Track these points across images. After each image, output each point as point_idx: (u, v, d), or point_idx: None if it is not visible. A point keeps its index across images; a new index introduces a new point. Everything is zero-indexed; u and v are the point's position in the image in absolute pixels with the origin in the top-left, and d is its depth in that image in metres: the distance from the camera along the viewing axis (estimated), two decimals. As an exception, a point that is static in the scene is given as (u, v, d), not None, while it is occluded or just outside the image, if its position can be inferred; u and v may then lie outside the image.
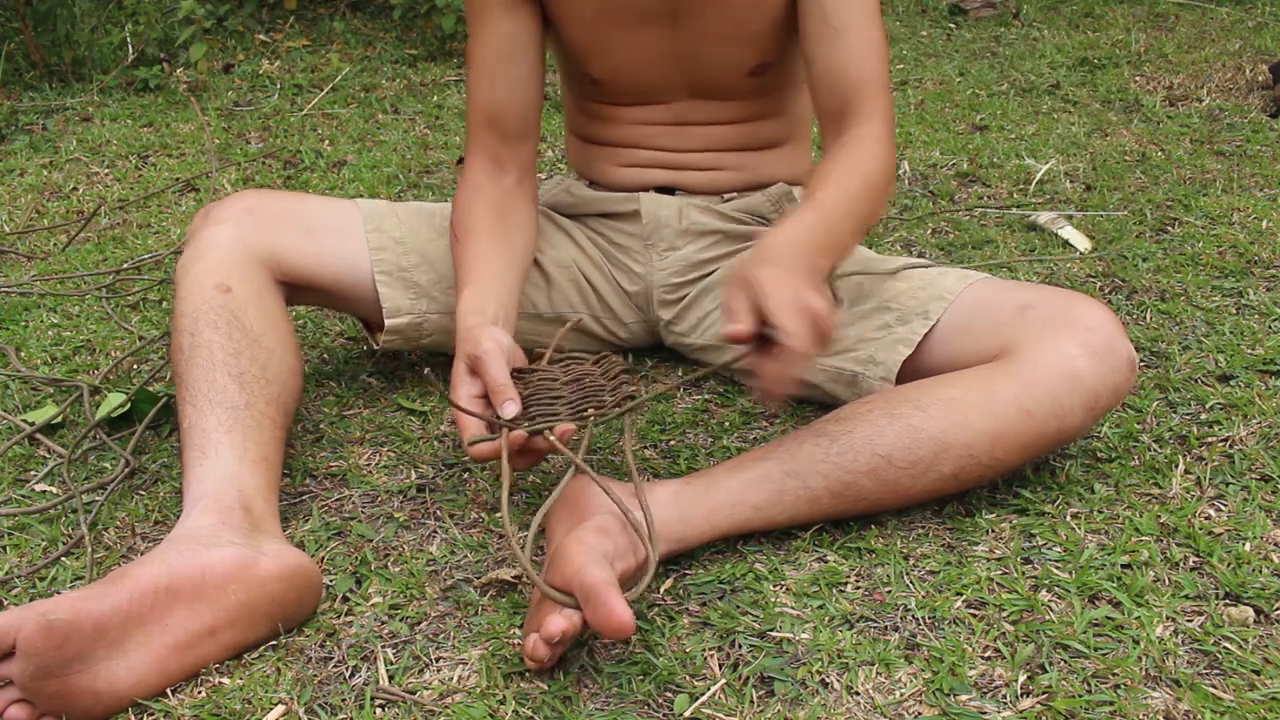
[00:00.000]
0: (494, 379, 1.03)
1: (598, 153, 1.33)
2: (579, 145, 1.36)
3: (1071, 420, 1.03)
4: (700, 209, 1.31)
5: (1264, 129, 2.23)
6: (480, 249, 1.18)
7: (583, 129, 1.35)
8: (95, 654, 0.84)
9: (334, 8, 3.58)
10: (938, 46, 3.10)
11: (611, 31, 1.21)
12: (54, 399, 1.38)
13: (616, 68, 1.25)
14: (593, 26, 1.21)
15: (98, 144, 2.45)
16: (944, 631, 0.94)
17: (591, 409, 1.03)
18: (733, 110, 1.28)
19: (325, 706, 0.88)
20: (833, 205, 1.09)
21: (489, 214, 1.22)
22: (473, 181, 1.24)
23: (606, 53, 1.23)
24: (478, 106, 1.25)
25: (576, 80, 1.31)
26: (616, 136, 1.31)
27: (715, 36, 1.21)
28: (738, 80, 1.25)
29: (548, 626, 0.85)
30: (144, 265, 1.78)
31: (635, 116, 1.29)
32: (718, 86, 1.26)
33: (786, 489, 1.02)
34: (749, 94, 1.27)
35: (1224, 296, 1.52)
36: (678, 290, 1.34)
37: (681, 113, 1.28)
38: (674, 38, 1.21)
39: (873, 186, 1.14)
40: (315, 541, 1.09)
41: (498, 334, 1.08)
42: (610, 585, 0.85)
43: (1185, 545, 1.03)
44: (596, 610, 0.84)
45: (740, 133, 1.30)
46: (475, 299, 1.12)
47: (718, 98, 1.27)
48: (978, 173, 2.07)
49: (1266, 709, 0.85)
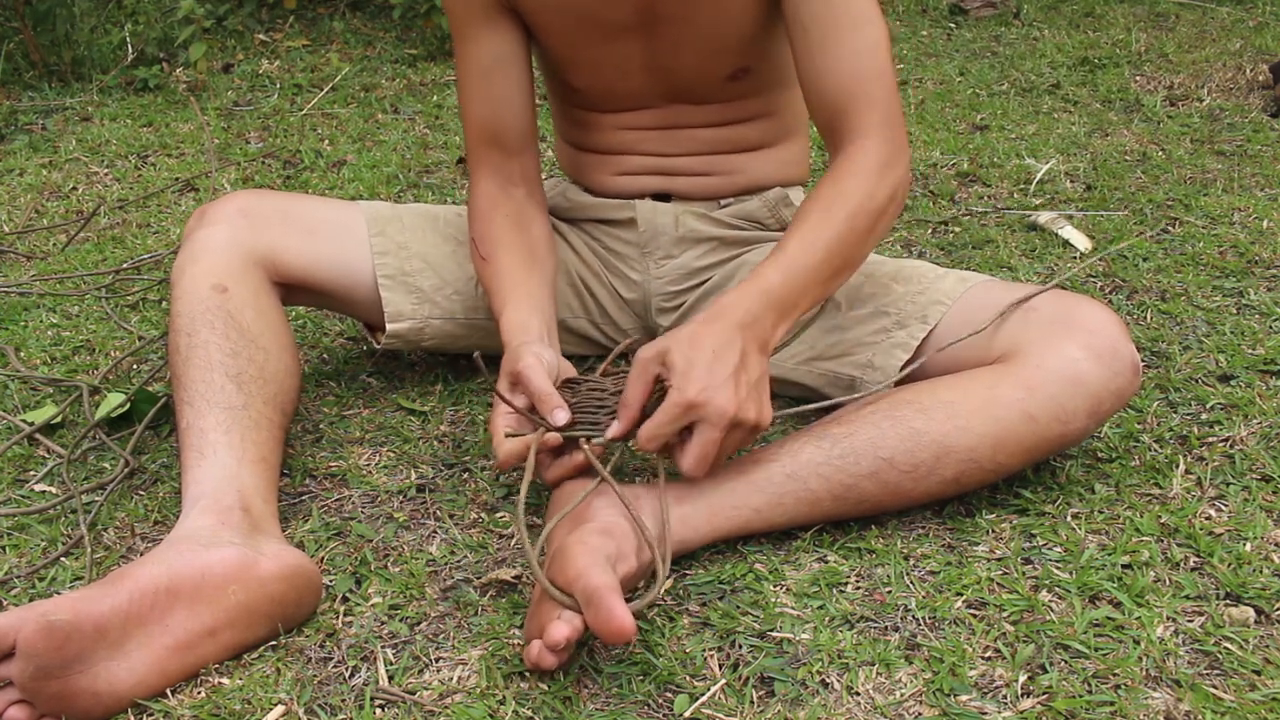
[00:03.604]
0: (537, 388, 1.04)
1: (588, 160, 1.33)
2: (569, 152, 1.35)
3: (1074, 424, 1.03)
4: (697, 216, 1.30)
5: (1264, 129, 2.23)
6: (511, 267, 1.18)
7: (571, 135, 1.34)
8: (95, 655, 0.84)
9: (334, 7, 3.58)
10: (938, 46, 3.10)
11: (587, 42, 1.20)
12: (53, 399, 1.38)
13: (594, 77, 1.24)
14: (568, 37, 1.21)
15: (97, 144, 2.45)
16: (944, 632, 0.94)
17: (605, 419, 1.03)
18: (717, 113, 1.26)
19: (325, 707, 0.88)
20: (803, 258, 1.04)
21: (511, 229, 1.22)
22: (487, 197, 1.24)
23: (583, 63, 1.23)
24: (475, 124, 1.25)
25: (560, 88, 1.30)
26: (604, 143, 1.30)
27: (688, 46, 1.19)
28: (717, 85, 1.24)
29: (551, 634, 0.85)
30: (143, 265, 1.78)
31: (620, 122, 1.28)
32: (697, 92, 1.24)
33: (787, 491, 1.02)
34: (731, 97, 1.26)
35: (1225, 296, 1.52)
36: (676, 298, 1.33)
37: (666, 118, 1.26)
38: (648, 49, 1.20)
39: (856, 227, 1.06)
40: (315, 541, 1.09)
41: (538, 349, 1.08)
42: (613, 590, 0.85)
43: (1186, 545, 1.03)
44: (598, 615, 0.84)
45: (728, 135, 1.28)
46: (518, 317, 1.13)
47: (699, 102, 1.25)
48: (978, 173, 2.06)
49: (1267, 709, 0.84)
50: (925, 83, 2.73)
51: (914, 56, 2.99)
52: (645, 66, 1.21)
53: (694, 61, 1.21)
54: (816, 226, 1.06)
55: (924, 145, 2.24)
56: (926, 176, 2.07)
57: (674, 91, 1.25)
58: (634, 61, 1.21)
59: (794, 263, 1.04)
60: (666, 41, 1.19)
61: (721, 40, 1.19)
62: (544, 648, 0.86)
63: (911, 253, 1.72)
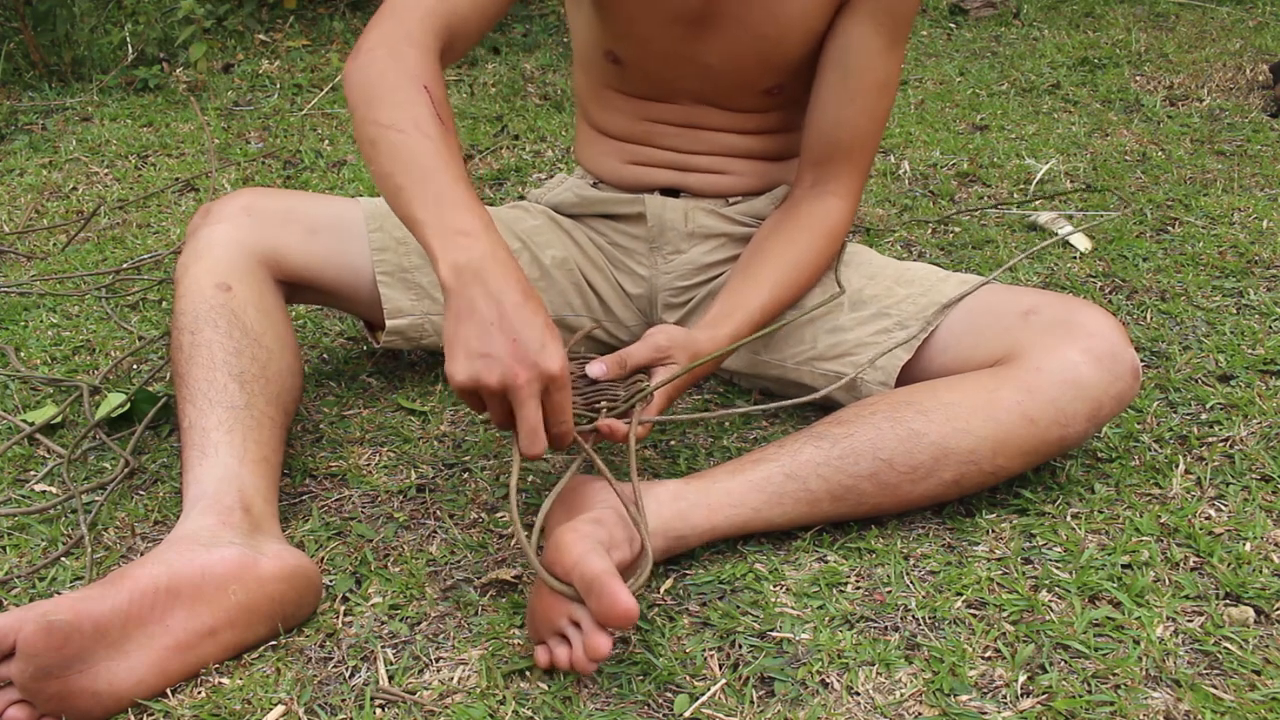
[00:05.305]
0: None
1: (607, 146, 1.33)
2: (589, 135, 1.35)
3: (1074, 428, 1.03)
4: (706, 212, 1.31)
5: (1264, 129, 2.23)
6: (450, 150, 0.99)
7: (594, 117, 1.34)
8: (95, 655, 0.84)
9: (334, 8, 3.58)
10: (938, 46, 3.10)
11: (643, 16, 1.20)
12: (54, 399, 1.38)
13: (639, 54, 1.24)
14: (629, 6, 1.20)
15: (97, 144, 2.45)
16: (944, 631, 0.94)
17: (605, 402, 1.03)
18: (744, 121, 1.28)
19: (325, 707, 0.88)
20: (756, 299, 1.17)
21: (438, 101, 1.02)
22: (394, 49, 1.03)
23: (632, 37, 1.23)
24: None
25: (597, 62, 1.29)
26: (625, 130, 1.31)
27: (735, 53, 1.20)
28: (751, 97, 1.26)
29: (599, 649, 0.85)
30: (144, 265, 1.78)
31: (646, 112, 1.29)
32: (731, 99, 1.26)
33: (786, 491, 1.02)
34: (762, 109, 1.27)
35: (1224, 296, 1.52)
36: (683, 294, 1.34)
37: (691, 116, 1.27)
38: (696, 44, 1.20)
39: (818, 250, 1.22)
40: (315, 541, 1.09)
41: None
42: (612, 574, 0.85)
43: (1185, 545, 1.03)
44: (600, 600, 0.84)
45: (750, 143, 1.29)
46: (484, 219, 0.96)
47: (729, 108, 1.27)
48: (978, 173, 2.07)
49: (1267, 709, 0.84)
50: (925, 83, 2.73)
51: (914, 56, 2.99)
52: (691, 59, 1.22)
53: (736, 68, 1.22)
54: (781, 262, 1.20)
55: (924, 145, 2.24)
56: (926, 176, 2.07)
57: (708, 93, 1.25)
58: (679, 52, 1.21)
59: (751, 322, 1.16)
60: (720, 41, 1.20)
61: (770, 53, 1.20)
62: (589, 659, 0.86)
63: (911, 253, 1.72)
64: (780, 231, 1.23)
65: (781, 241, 1.22)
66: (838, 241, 1.24)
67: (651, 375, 1.08)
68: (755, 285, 1.19)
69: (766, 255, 1.21)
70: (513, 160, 2.24)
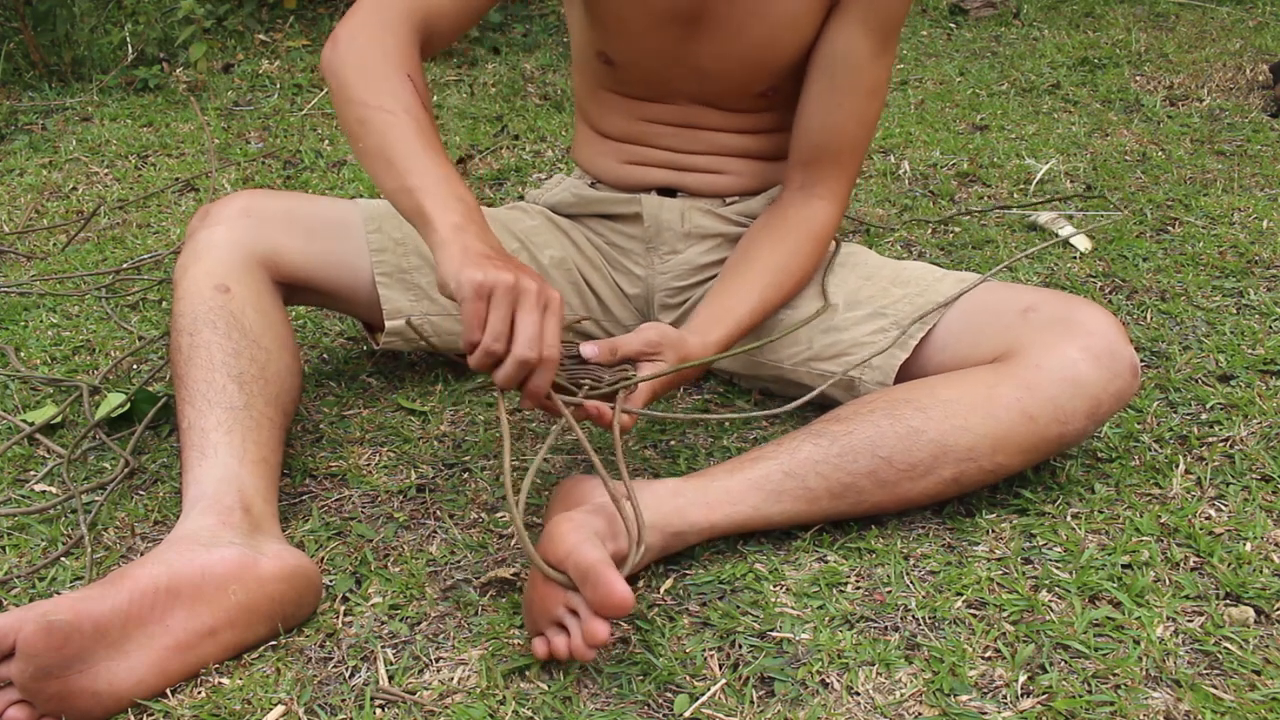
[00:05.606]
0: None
1: (604, 146, 1.33)
2: (587, 135, 1.36)
3: (1073, 425, 1.03)
4: (703, 212, 1.31)
5: (1264, 129, 2.23)
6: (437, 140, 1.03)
7: (591, 117, 1.34)
8: (95, 655, 0.84)
9: (334, 8, 3.58)
10: (938, 46, 3.10)
11: (632, 18, 1.20)
12: (53, 399, 1.38)
13: (631, 56, 1.24)
14: (619, 7, 1.20)
15: (97, 144, 2.45)
16: (944, 631, 0.94)
17: (589, 381, 1.03)
18: (741, 121, 1.28)
19: (325, 707, 0.88)
20: (747, 322, 1.18)
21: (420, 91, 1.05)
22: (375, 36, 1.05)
23: (622, 39, 1.23)
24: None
25: (591, 62, 1.29)
26: (622, 130, 1.31)
27: (726, 56, 1.21)
28: (747, 98, 1.26)
29: (597, 634, 0.85)
30: (144, 265, 1.78)
31: (642, 112, 1.29)
32: (725, 100, 1.26)
33: (785, 489, 1.02)
34: (758, 109, 1.27)
35: (1224, 296, 1.52)
36: (680, 294, 1.34)
37: (687, 116, 1.28)
38: (687, 47, 1.21)
39: (806, 254, 1.22)
40: (315, 541, 1.09)
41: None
42: (606, 563, 0.85)
43: (1186, 545, 1.03)
44: (595, 589, 0.84)
45: (747, 142, 1.30)
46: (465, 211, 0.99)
47: (725, 108, 1.27)
48: (978, 173, 2.07)
49: (1267, 709, 0.84)
50: (925, 83, 2.73)
51: (914, 56, 2.99)
52: (682, 62, 1.22)
53: (729, 70, 1.22)
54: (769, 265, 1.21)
55: (924, 145, 2.24)
56: (926, 176, 2.07)
57: (703, 94, 1.26)
58: (672, 53, 1.22)
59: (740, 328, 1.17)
60: (710, 44, 1.20)
61: (762, 56, 1.21)
62: (587, 646, 0.86)
63: (911, 253, 1.72)
64: (768, 234, 1.23)
65: (769, 245, 1.22)
66: (824, 244, 1.24)
67: (638, 368, 1.08)
68: (744, 290, 1.19)
69: (754, 259, 1.21)
70: (513, 160, 2.24)
